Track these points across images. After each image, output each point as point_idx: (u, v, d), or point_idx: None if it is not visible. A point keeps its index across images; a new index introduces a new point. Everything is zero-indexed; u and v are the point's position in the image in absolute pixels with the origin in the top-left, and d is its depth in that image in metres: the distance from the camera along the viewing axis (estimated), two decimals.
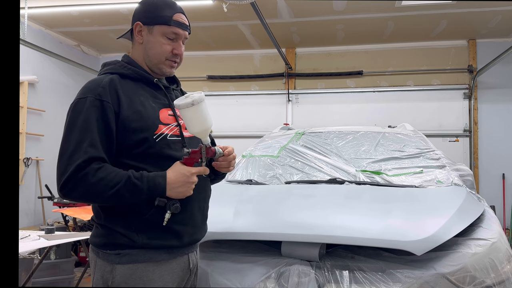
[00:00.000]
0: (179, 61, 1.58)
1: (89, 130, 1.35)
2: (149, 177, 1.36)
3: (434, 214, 1.95)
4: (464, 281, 1.68)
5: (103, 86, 1.41)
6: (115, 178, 1.32)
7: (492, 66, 5.72)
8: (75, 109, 1.39)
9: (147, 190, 1.35)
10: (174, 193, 1.38)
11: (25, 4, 4.91)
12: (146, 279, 1.38)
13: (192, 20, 6.16)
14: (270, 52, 6.90)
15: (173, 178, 1.38)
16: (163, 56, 1.53)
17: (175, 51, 1.53)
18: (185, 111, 1.41)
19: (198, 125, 1.43)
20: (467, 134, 6.25)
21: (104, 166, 1.34)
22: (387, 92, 6.54)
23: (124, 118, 1.39)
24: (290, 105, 6.80)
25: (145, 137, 1.40)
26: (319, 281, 1.67)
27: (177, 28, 1.52)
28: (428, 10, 5.22)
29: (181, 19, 1.54)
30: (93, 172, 1.31)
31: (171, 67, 1.56)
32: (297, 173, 2.81)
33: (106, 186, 1.31)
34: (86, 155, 1.32)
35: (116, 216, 1.39)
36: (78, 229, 5.04)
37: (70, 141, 1.34)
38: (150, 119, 1.43)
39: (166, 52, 1.52)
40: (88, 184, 1.30)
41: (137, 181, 1.33)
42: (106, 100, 1.38)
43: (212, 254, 1.92)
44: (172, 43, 1.53)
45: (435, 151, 2.94)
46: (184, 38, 1.57)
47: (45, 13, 5.45)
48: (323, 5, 5.14)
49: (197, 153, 1.43)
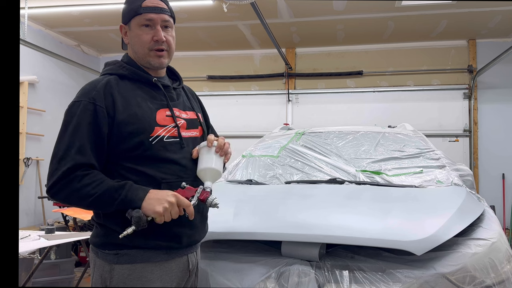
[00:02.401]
0: (166, 48, 1.50)
1: (79, 135, 1.35)
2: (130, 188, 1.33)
3: (434, 214, 1.95)
4: (464, 281, 1.68)
5: (97, 89, 1.41)
6: (98, 186, 1.32)
7: (492, 66, 5.72)
8: (69, 112, 1.40)
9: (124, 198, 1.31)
10: (146, 204, 1.31)
11: (25, 4, 4.91)
12: (144, 279, 1.38)
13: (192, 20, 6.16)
14: (270, 52, 6.90)
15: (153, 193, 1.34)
16: (145, 47, 1.47)
17: (155, 38, 1.46)
18: (202, 149, 1.49)
19: (204, 164, 1.46)
20: (467, 134, 6.25)
21: (91, 173, 1.34)
22: (387, 92, 6.54)
23: (119, 122, 1.39)
24: (290, 105, 6.80)
25: (141, 140, 1.39)
26: (319, 281, 1.67)
27: (149, 14, 1.45)
28: (428, 10, 5.22)
29: (152, 3, 1.46)
30: (79, 178, 1.32)
31: (158, 57, 1.49)
32: (297, 173, 2.81)
33: (88, 193, 1.31)
34: (73, 162, 1.33)
35: (115, 216, 1.39)
36: (78, 229, 5.04)
37: (61, 145, 1.36)
38: (146, 121, 1.42)
39: (146, 41, 1.47)
40: (72, 189, 1.32)
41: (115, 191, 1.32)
42: (99, 105, 1.38)
43: (212, 254, 1.92)
44: (151, 30, 1.46)
45: (435, 151, 2.94)
46: (163, 21, 1.47)
47: (45, 13, 5.45)
48: (323, 5, 5.14)
49: (192, 191, 1.41)
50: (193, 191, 1.41)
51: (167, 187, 1.41)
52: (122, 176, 1.40)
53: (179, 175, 1.45)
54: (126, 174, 1.40)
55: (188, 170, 1.48)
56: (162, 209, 1.30)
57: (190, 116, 1.59)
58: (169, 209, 1.31)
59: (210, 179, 1.46)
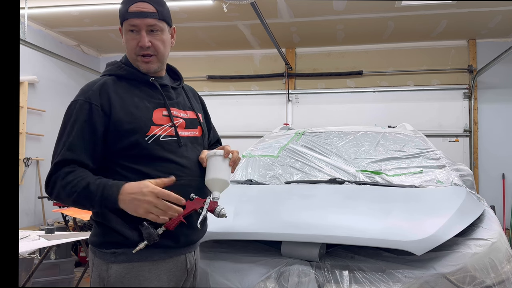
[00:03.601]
0: (153, 52, 1.47)
1: (72, 133, 1.38)
2: (106, 185, 1.32)
3: (434, 214, 1.94)
4: (464, 281, 1.68)
5: (94, 89, 1.43)
6: (78, 184, 1.32)
7: (492, 66, 5.72)
8: (67, 112, 1.43)
9: (100, 198, 1.30)
10: (125, 206, 1.30)
11: (25, 4, 4.91)
12: (142, 278, 1.38)
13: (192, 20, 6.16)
14: (270, 52, 6.90)
15: (127, 190, 1.30)
16: (132, 53, 1.47)
17: (140, 44, 1.44)
18: (209, 159, 1.49)
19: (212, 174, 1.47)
20: (467, 134, 6.25)
21: (75, 171, 1.35)
22: (387, 92, 6.54)
23: (116, 120, 1.40)
24: (290, 105, 6.80)
25: (137, 139, 1.40)
26: (319, 281, 1.67)
27: (133, 19, 1.43)
28: (428, 10, 5.22)
29: (138, 8, 1.43)
30: (63, 175, 1.34)
31: (145, 63, 1.47)
32: (297, 173, 2.81)
33: (70, 191, 1.32)
34: (60, 157, 1.36)
35: (113, 215, 1.39)
36: (78, 229, 5.04)
37: (58, 143, 1.40)
38: (142, 120, 1.42)
39: (132, 47, 1.46)
40: (58, 186, 1.34)
41: (93, 189, 1.31)
42: (94, 103, 1.39)
43: (212, 254, 1.92)
44: (136, 36, 1.45)
45: (435, 151, 2.94)
46: (148, 26, 1.44)
47: (45, 13, 5.45)
48: (323, 5, 5.14)
49: (201, 202, 1.42)
50: (201, 202, 1.43)
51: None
52: (118, 174, 1.40)
53: (176, 174, 1.44)
54: (122, 172, 1.41)
55: (186, 168, 1.48)
56: (143, 211, 1.29)
57: (190, 116, 1.58)
58: (152, 208, 1.29)
59: (218, 189, 1.48)
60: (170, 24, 1.54)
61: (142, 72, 1.51)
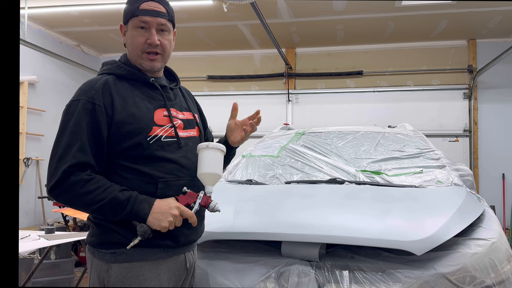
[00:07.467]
0: (160, 51, 1.50)
1: (79, 133, 1.35)
2: (136, 200, 1.35)
3: (434, 214, 1.94)
4: (464, 281, 1.68)
5: (96, 88, 1.40)
6: (102, 194, 1.32)
7: (492, 66, 5.72)
8: (68, 111, 1.40)
9: (129, 212, 1.34)
10: (152, 219, 1.35)
11: (25, 4, 4.91)
12: (142, 278, 1.38)
13: (192, 20, 6.15)
14: (270, 52, 6.90)
15: (157, 206, 1.36)
16: (138, 49, 1.48)
17: (149, 40, 1.46)
18: (200, 152, 1.48)
19: (205, 168, 1.46)
20: (467, 134, 6.25)
21: (94, 178, 1.34)
22: (387, 92, 6.54)
23: (117, 121, 1.39)
24: (290, 105, 6.80)
25: (139, 139, 1.40)
26: (319, 281, 1.67)
27: (145, 17, 1.45)
28: (428, 10, 5.22)
29: (150, 6, 1.46)
30: (82, 183, 1.32)
31: (150, 60, 1.49)
32: (297, 173, 2.81)
33: (93, 200, 1.32)
34: (74, 160, 1.32)
35: None
36: (78, 229, 5.05)
37: (61, 144, 1.35)
38: (144, 121, 1.42)
39: (139, 44, 1.47)
40: (75, 194, 1.32)
41: (122, 201, 1.33)
42: (98, 103, 1.38)
43: (212, 254, 1.91)
44: (145, 33, 1.46)
45: (435, 151, 2.94)
46: (159, 25, 1.47)
47: (45, 13, 5.45)
48: (323, 5, 5.14)
49: (193, 196, 1.43)
50: (194, 196, 1.43)
51: (164, 185, 1.42)
52: (119, 175, 1.40)
53: (177, 174, 1.45)
54: (123, 173, 1.40)
55: (186, 169, 1.49)
56: (168, 223, 1.35)
57: (187, 117, 1.60)
58: (173, 222, 1.36)
59: (210, 183, 1.48)
60: (174, 26, 1.57)
61: (142, 72, 1.51)
